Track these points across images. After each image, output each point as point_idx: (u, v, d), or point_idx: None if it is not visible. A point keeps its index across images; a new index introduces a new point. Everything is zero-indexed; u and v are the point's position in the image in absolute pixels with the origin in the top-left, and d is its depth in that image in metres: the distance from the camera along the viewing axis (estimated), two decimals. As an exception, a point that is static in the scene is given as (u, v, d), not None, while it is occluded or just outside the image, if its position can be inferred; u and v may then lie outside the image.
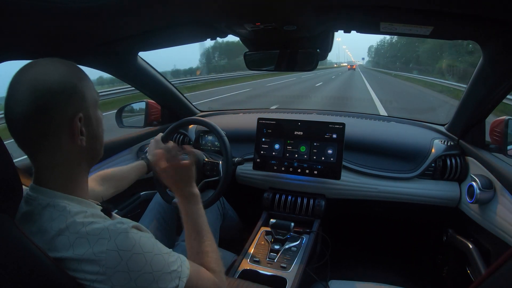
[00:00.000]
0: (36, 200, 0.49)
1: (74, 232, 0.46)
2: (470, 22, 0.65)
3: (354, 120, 1.46)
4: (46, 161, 0.49)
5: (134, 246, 0.46)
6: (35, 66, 0.49)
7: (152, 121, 1.48)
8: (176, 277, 0.50)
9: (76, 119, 0.49)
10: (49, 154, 0.49)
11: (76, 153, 0.51)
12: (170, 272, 0.50)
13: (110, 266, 0.44)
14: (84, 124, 0.50)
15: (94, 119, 0.53)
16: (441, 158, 1.14)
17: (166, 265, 0.50)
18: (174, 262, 0.51)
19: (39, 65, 0.49)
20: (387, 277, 1.01)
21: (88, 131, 0.52)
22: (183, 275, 0.52)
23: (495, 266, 0.42)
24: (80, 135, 0.50)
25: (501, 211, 0.86)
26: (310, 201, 1.21)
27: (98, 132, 0.55)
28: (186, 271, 0.53)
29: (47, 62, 0.50)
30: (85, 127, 0.51)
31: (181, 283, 0.51)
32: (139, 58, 1.18)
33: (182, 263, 0.53)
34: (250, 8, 0.66)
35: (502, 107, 4.23)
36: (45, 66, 0.49)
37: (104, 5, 0.58)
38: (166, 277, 0.49)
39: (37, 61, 0.50)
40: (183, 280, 0.51)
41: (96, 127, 0.54)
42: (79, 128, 0.49)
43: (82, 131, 0.50)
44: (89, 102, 0.52)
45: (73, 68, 0.52)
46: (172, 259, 0.51)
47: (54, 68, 0.49)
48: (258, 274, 0.96)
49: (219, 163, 1.13)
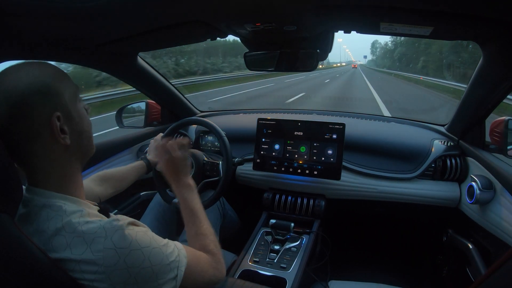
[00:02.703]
0: (32, 201, 0.49)
1: (71, 232, 0.46)
2: (470, 22, 0.65)
3: (354, 121, 1.46)
4: (35, 164, 0.49)
5: (131, 242, 0.46)
6: (6, 73, 0.48)
7: (152, 121, 1.48)
8: (174, 267, 0.51)
9: (53, 119, 0.48)
10: (36, 157, 0.49)
11: (63, 152, 0.50)
12: (168, 263, 0.50)
13: (109, 265, 0.44)
14: (64, 121, 0.50)
15: (75, 115, 0.52)
16: (441, 158, 1.14)
17: (165, 257, 0.50)
18: (171, 253, 0.52)
19: (9, 72, 0.48)
20: (387, 277, 1.01)
21: (70, 128, 0.51)
22: (181, 264, 0.53)
23: (495, 266, 0.42)
24: (62, 133, 0.49)
25: (501, 212, 0.86)
26: (310, 201, 1.21)
27: (82, 127, 0.53)
28: (183, 260, 0.54)
29: (17, 67, 0.49)
30: (67, 125, 0.50)
31: (180, 272, 0.52)
32: (139, 58, 1.18)
33: (179, 252, 0.54)
34: (250, 8, 0.66)
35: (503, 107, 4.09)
36: (15, 71, 0.48)
37: (104, 5, 0.58)
38: (165, 269, 0.50)
39: (8, 68, 0.49)
40: (181, 269, 0.52)
41: (80, 122, 0.53)
42: (59, 127, 0.48)
43: (64, 130, 0.49)
44: (66, 98, 0.51)
45: (45, 68, 0.51)
46: (169, 250, 0.52)
47: (25, 71, 0.48)
48: (258, 274, 0.96)
49: (219, 163, 1.13)
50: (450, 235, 1.15)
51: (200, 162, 1.14)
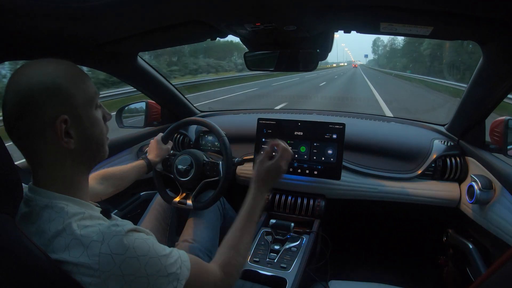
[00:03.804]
0: (33, 201, 0.48)
1: (70, 234, 0.45)
2: (470, 22, 0.65)
3: (354, 120, 1.46)
4: (38, 162, 0.49)
5: (128, 249, 0.45)
6: (24, 68, 0.48)
7: (152, 121, 1.48)
8: (174, 280, 0.49)
9: (58, 121, 0.47)
10: (39, 156, 0.48)
11: (67, 154, 0.50)
12: (167, 275, 0.48)
13: (104, 270, 0.44)
14: (72, 125, 0.48)
15: (86, 120, 0.51)
16: (441, 158, 1.14)
17: (163, 268, 0.48)
18: (173, 264, 0.50)
19: (26, 67, 0.48)
20: (387, 277, 1.01)
21: (78, 132, 0.49)
22: (182, 277, 0.50)
23: (495, 266, 0.42)
24: (67, 137, 0.48)
25: (501, 211, 0.86)
26: (310, 201, 1.21)
27: (92, 133, 0.52)
28: (185, 273, 0.51)
29: (35, 63, 0.49)
30: (74, 129, 0.49)
31: (179, 285, 0.49)
32: (139, 58, 1.18)
33: (182, 263, 0.51)
34: (250, 8, 0.66)
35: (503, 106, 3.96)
36: (32, 67, 0.48)
37: (104, 5, 0.58)
38: (163, 281, 0.48)
39: (27, 63, 0.49)
40: (181, 282, 0.50)
41: (89, 128, 0.51)
42: (63, 131, 0.47)
43: (69, 133, 0.48)
44: (78, 102, 0.49)
45: (62, 67, 0.50)
46: (170, 261, 0.49)
47: (40, 68, 0.48)
48: (258, 274, 0.96)
49: (219, 163, 1.13)
50: (450, 235, 1.15)
51: (200, 162, 1.14)
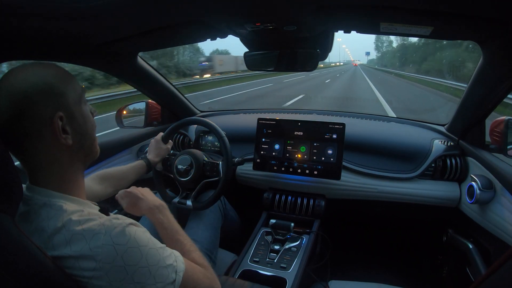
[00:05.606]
0: (32, 200, 0.49)
1: (70, 230, 0.46)
2: (470, 22, 0.65)
3: (354, 120, 1.46)
4: (36, 163, 0.50)
5: (129, 240, 0.47)
6: (13, 73, 0.49)
7: (152, 121, 1.48)
8: (172, 271, 0.51)
9: (56, 118, 0.48)
10: (37, 156, 0.49)
11: (64, 152, 0.51)
12: (166, 266, 0.50)
13: (107, 261, 0.45)
14: (67, 122, 0.50)
15: (79, 116, 0.52)
16: (441, 158, 1.14)
17: (162, 259, 0.50)
18: (168, 257, 0.52)
19: (16, 71, 0.49)
20: (387, 277, 1.01)
21: (73, 128, 0.51)
22: (179, 269, 0.52)
23: (495, 266, 0.42)
24: (64, 133, 0.50)
25: (501, 211, 0.86)
26: (310, 201, 1.21)
27: (85, 128, 0.54)
28: (181, 266, 0.54)
29: (23, 67, 0.50)
30: (69, 125, 0.50)
31: (178, 277, 0.51)
32: (139, 58, 1.18)
33: (176, 257, 0.54)
34: (250, 8, 0.66)
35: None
36: (21, 71, 0.49)
37: (104, 5, 0.58)
38: (163, 272, 0.50)
39: (14, 68, 0.50)
40: (179, 275, 0.52)
41: (83, 124, 0.53)
42: (61, 127, 0.49)
43: (66, 130, 0.50)
44: (70, 99, 0.51)
45: (50, 68, 0.51)
46: (166, 254, 0.52)
47: (30, 71, 0.49)
48: (258, 274, 0.96)
49: (219, 163, 1.13)
50: (450, 235, 1.15)
51: (200, 162, 1.14)
